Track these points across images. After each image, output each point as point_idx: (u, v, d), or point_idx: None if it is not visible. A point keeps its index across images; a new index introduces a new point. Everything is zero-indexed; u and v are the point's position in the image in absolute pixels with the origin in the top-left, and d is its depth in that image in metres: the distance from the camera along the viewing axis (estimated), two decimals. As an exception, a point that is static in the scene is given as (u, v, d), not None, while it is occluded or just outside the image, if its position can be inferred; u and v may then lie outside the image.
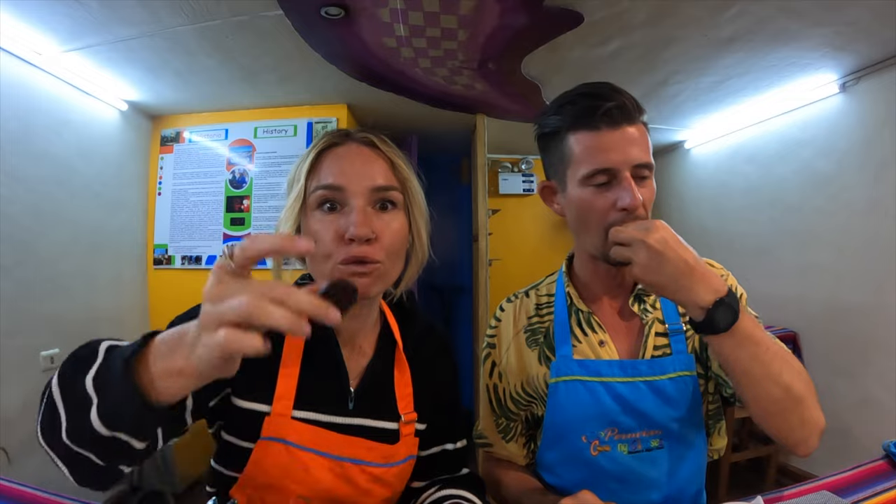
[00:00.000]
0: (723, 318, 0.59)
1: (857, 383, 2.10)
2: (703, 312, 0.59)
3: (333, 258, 0.60)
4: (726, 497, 1.24)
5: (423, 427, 0.73)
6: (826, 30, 1.71)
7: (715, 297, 0.59)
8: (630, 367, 0.74)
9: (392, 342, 0.73)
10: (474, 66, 2.02)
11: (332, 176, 0.61)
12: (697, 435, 0.76)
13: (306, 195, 0.63)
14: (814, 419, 0.63)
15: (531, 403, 0.83)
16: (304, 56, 1.94)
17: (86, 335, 0.46)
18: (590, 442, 0.74)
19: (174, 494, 2.21)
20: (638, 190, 0.67)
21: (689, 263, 0.60)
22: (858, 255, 2.11)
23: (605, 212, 0.69)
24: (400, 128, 2.88)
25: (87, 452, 0.43)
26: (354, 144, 0.65)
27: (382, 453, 0.66)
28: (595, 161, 0.68)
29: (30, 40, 1.74)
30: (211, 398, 0.61)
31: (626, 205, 0.66)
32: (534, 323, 0.83)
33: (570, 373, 0.76)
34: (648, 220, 0.64)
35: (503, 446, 0.86)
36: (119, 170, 2.41)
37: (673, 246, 0.60)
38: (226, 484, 0.64)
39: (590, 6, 1.58)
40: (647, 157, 0.70)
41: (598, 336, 0.77)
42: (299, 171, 0.64)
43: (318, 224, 0.61)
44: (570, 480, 0.77)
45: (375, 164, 0.63)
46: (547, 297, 0.85)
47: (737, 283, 0.80)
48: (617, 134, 0.68)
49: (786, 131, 2.47)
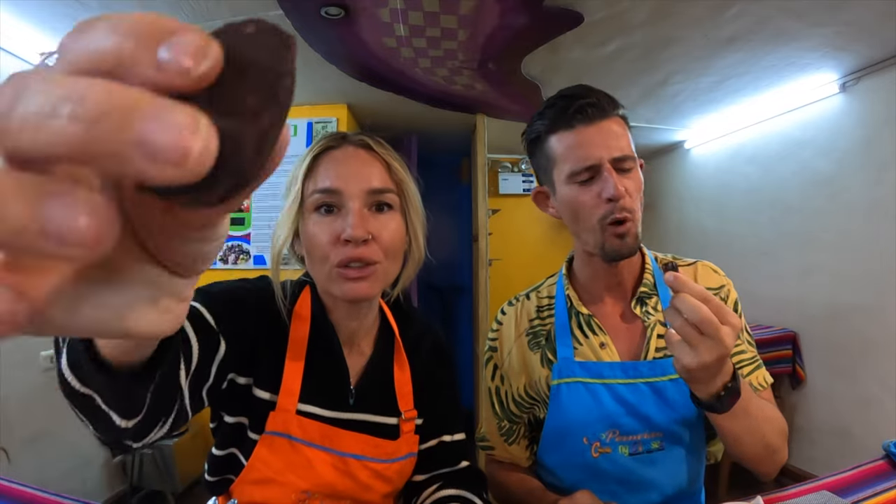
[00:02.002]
0: (728, 403, 0.60)
1: (857, 383, 2.10)
2: (711, 398, 0.61)
3: (331, 260, 0.60)
4: (726, 497, 1.24)
5: (421, 422, 0.75)
6: (826, 30, 1.71)
7: (724, 383, 0.60)
8: (631, 369, 0.74)
9: (391, 341, 0.73)
10: (474, 66, 2.02)
11: (329, 179, 0.62)
12: (697, 437, 0.76)
13: (303, 198, 0.63)
14: (781, 460, 0.71)
15: (534, 406, 0.83)
16: (304, 56, 1.94)
17: (86, 335, 0.46)
18: (591, 444, 0.74)
19: (174, 494, 2.21)
20: (622, 181, 0.69)
21: (720, 365, 0.57)
22: (858, 256, 2.11)
23: (594, 206, 0.70)
24: (400, 128, 2.88)
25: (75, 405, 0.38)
26: (351, 147, 0.65)
27: (384, 449, 0.67)
28: (575, 158, 0.70)
29: (30, 40, 1.74)
30: (205, 382, 0.55)
31: (609, 195, 0.68)
32: (535, 326, 0.84)
33: (572, 375, 0.76)
34: (727, 311, 0.56)
35: (506, 449, 0.86)
36: (119, 170, 2.41)
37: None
38: (226, 470, 0.65)
39: (590, 6, 1.58)
40: (627, 149, 0.71)
41: (598, 338, 0.77)
42: (296, 174, 0.64)
43: (315, 227, 0.61)
44: (570, 482, 0.77)
45: (371, 167, 0.64)
46: (548, 298, 0.85)
47: (736, 295, 0.80)
48: (593, 129, 0.70)
49: (786, 131, 2.47)
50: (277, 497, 0.63)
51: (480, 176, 2.75)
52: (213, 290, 0.60)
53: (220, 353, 0.56)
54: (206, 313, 0.55)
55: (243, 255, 2.55)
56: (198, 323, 0.53)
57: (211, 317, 0.56)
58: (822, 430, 2.25)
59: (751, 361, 0.77)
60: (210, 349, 0.54)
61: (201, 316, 0.55)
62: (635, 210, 0.70)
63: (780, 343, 2.34)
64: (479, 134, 2.70)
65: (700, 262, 0.82)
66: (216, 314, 0.57)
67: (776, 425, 0.68)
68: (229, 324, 0.58)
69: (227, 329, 0.57)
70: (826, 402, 2.25)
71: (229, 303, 0.60)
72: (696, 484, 0.79)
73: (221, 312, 0.57)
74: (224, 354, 0.56)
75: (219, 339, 0.56)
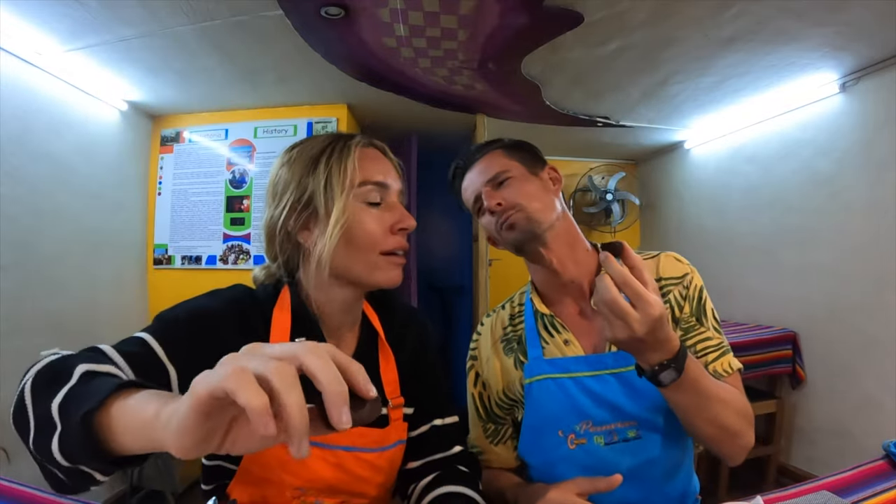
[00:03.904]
0: (666, 377, 0.63)
1: (857, 383, 2.10)
2: (650, 368, 0.63)
3: (380, 247, 0.66)
4: (726, 497, 1.24)
5: (411, 411, 0.76)
6: (826, 30, 1.71)
7: (662, 360, 0.62)
8: (595, 361, 0.78)
9: (374, 332, 0.75)
10: (474, 66, 2.02)
11: (380, 174, 0.68)
12: (673, 424, 0.76)
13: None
14: (745, 444, 0.73)
15: (513, 407, 0.86)
16: (304, 56, 1.94)
17: (86, 335, 0.46)
18: (566, 436, 0.77)
19: (174, 494, 2.21)
20: (496, 195, 0.82)
21: (651, 341, 0.60)
22: (858, 255, 2.10)
23: (488, 223, 0.85)
24: (400, 128, 2.88)
25: (50, 466, 0.43)
26: (374, 150, 0.71)
27: (373, 438, 0.68)
28: (469, 198, 0.89)
29: (30, 40, 1.74)
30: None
31: (489, 208, 0.82)
32: (508, 332, 0.89)
33: (541, 372, 0.80)
34: (645, 299, 0.58)
35: (492, 450, 0.89)
36: (119, 170, 2.41)
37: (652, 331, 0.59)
38: (220, 477, 0.65)
39: (590, 6, 1.58)
40: (499, 167, 0.85)
41: (562, 336, 0.81)
42: (344, 165, 0.66)
43: (366, 216, 0.66)
44: (553, 477, 0.78)
45: (395, 170, 0.72)
46: (519, 306, 0.91)
47: (700, 282, 0.82)
48: (472, 171, 0.88)
49: (786, 131, 2.46)
50: (273, 496, 0.63)
51: (480, 176, 2.75)
52: (173, 316, 0.61)
53: (174, 381, 0.57)
54: (156, 348, 0.57)
55: (243, 255, 2.55)
56: (148, 360, 0.55)
57: (162, 349, 0.57)
58: (822, 430, 2.25)
59: (716, 348, 0.79)
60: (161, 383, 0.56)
61: (151, 353, 0.56)
62: (519, 202, 0.81)
63: (780, 343, 2.34)
64: (478, 134, 2.70)
65: (663, 253, 0.85)
66: (172, 342, 0.58)
67: (734, 407, 0.70)
68: (189, 349, 0.58)
69: (185, 355, 0.58)
70: (826, 402, 2.25)
71: (192, 324, 0.61)
72: (681, 471, 0.80)
73: (180, 338, 0.59)
74: (180, 380, 0.57)
75: (166, 370, 0.57)
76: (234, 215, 2.57)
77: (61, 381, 0.44)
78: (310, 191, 0.66)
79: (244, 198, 2.57)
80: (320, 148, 0.67)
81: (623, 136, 3.07)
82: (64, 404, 0.42)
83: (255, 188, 2.57)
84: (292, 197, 0.66)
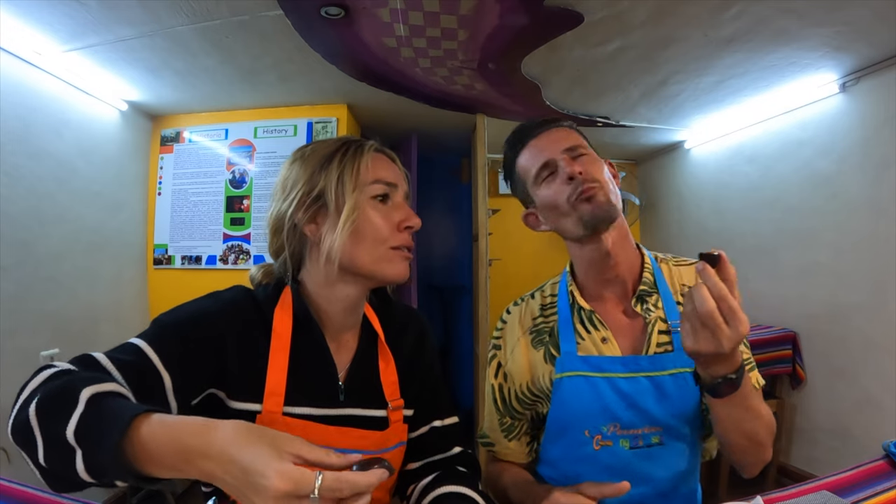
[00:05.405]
0: (725, 390, 0.63)
1: (857, 383, 2.10)
2: (711, 380, 0.63)
3: (388, 243, 0.67)
4: (726, 497, 1.24)
5: (411, 413, 0.76)
6: (826, 30, 1.71)
7: (726, 373, 0.62)
8: (632, 363, 0.76)
9: (374, 333, 0.75)
10: (474, 66, 2.02)
11: (389, 174, 0.70)
12: (695, 433, 0.78)
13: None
14: (766, 458, 0.73)
15: (536, 402, 0.84)
16: (304, 56, 1.94)
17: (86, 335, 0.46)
18: (592, 436, 0.76)
19: (174, 494, 2.21)
20: (577, 164, 0.77)
21: (726, 356, 0.60)
22: (858, 255, 2.10)
23: (560, 192, 0.78)
24: (400, 128, 2.88)
25: (61, 476, 0.46)
26: (388, 158, 0.73)
27: (374, 441, 0.68)
28: (534, 162, 0.81)
29: (30, 40, 1.74)
30: (194, 397, 0.62)
31: (569, 174, 0.76)
32: (539, 324, 0.86)
33: (574, 368, 0.78)
34: (738, 317, 0.58)
35: (505, 445, 0.87)
36: (119, 170, 2.41)
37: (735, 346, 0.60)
38: None
39: (590, 6, 1.58)
40: (576, 141, 0.81)
41: (600, 333, 0.79)
42: (357, 164, 0.68)
43: (375, 212, 0.68)
44: (571, 475, 0.78)
45: (403, 177, 0.74)
46: (551, 297, 0.88)
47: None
48: (542, 138, 0.82)
49: (786, 131, 2.46)
50: None
51: (480, 176, 2.75)
52: (171, 320, 0.62)
53: (168, 387, 0.57)
54: (151, 355, 0.57)
55: (243, 255, 2.55)
56: (142, 367, 0.56)
57: (157, 355, 0.57)
58: (822, 430, 2.25)
59: (745, 363, 0.78)
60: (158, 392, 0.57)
61: (146, 360, 0.57)
62: (599, 179, 0.77)
63: (780, 343, 2.34)
64: (479, 134, 2.70)
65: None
66: (168, 348, 0.58)
67: (765, 422, 0.71)
68: (185, 354, 0.59)
69: (182, 360, 0.59)
70: (826, 402, 2.25)
71: (190, 329, 0.61)
72: (691, 479, 0.80)
73: (177, 344, 0.59)
74: (174, 386, 0.58)
75: (160, 377, 0.57)
76: (234, 215, 2.57)
77: (69, 406, 0.45)
78: (321, 186, 0.67)
79: (244, 198, 2.57)
80: (334, 148, 0.70)
81: (623, 136, 3.07)
82: (80, 431, 0.44)
83: (255, 188, 2.57)
84: (302, 191, 0.67)
